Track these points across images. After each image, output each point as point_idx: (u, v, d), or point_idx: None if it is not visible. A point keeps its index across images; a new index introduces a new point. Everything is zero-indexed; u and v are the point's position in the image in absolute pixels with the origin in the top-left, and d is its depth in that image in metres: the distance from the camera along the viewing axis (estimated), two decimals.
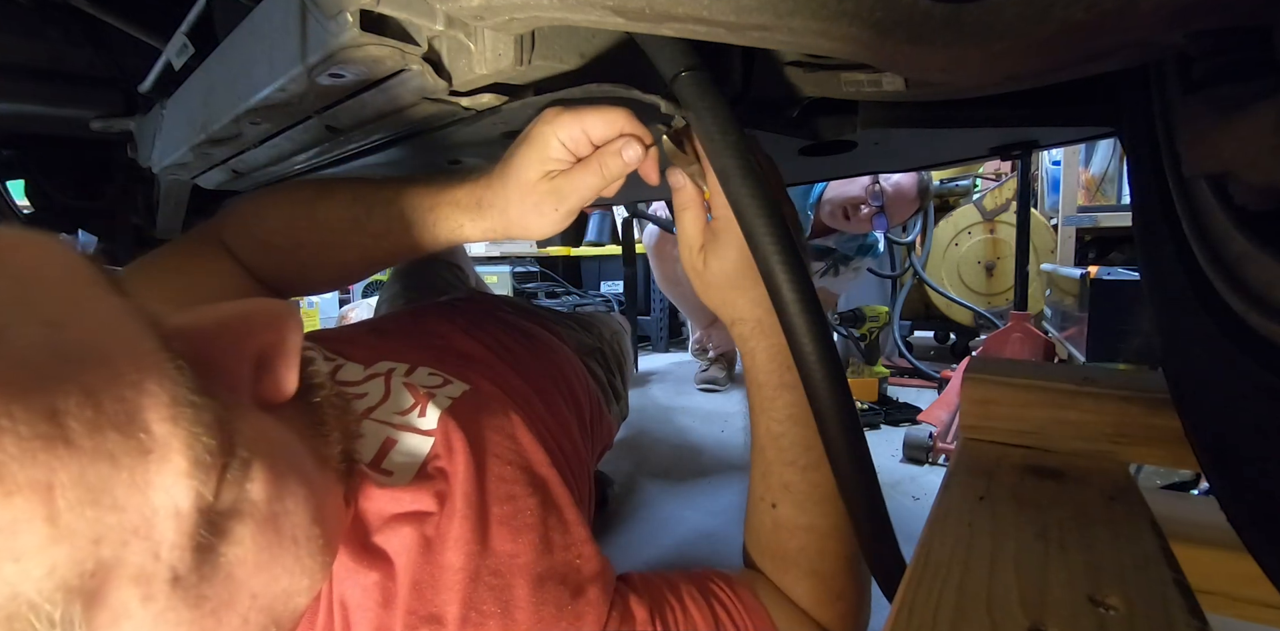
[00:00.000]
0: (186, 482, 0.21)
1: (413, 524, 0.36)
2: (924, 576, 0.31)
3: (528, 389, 0.59)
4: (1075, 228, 1.91)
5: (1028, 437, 0.49)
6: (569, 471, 0.54)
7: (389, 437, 0.42)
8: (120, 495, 0.19)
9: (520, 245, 2.92)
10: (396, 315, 0.69)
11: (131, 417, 0.20)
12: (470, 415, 0.47)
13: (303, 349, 0.31)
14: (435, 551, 0.36)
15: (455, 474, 0.41)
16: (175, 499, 0.21)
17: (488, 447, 0.45)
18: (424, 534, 0.36)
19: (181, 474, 0.21)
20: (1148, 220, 0.39)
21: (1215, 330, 0.30)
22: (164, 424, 0.21)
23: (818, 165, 0.70)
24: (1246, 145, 0.24)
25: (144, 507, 0.20)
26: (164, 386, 0.21)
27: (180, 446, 0.21)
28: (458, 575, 0.36)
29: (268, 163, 0.66)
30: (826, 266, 1.91)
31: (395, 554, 0.35)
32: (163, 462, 0.21)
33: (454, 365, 0.55)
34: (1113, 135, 0.62)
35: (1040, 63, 0.27)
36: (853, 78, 0.44)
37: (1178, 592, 0.29)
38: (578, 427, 0.65)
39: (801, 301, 0.36)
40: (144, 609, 0.21)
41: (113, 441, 0.19)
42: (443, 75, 0.40)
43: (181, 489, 0.21)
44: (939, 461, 1.29)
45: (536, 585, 0.37)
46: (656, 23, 0.32)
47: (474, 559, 0.36)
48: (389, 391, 0.47)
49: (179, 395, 0.22)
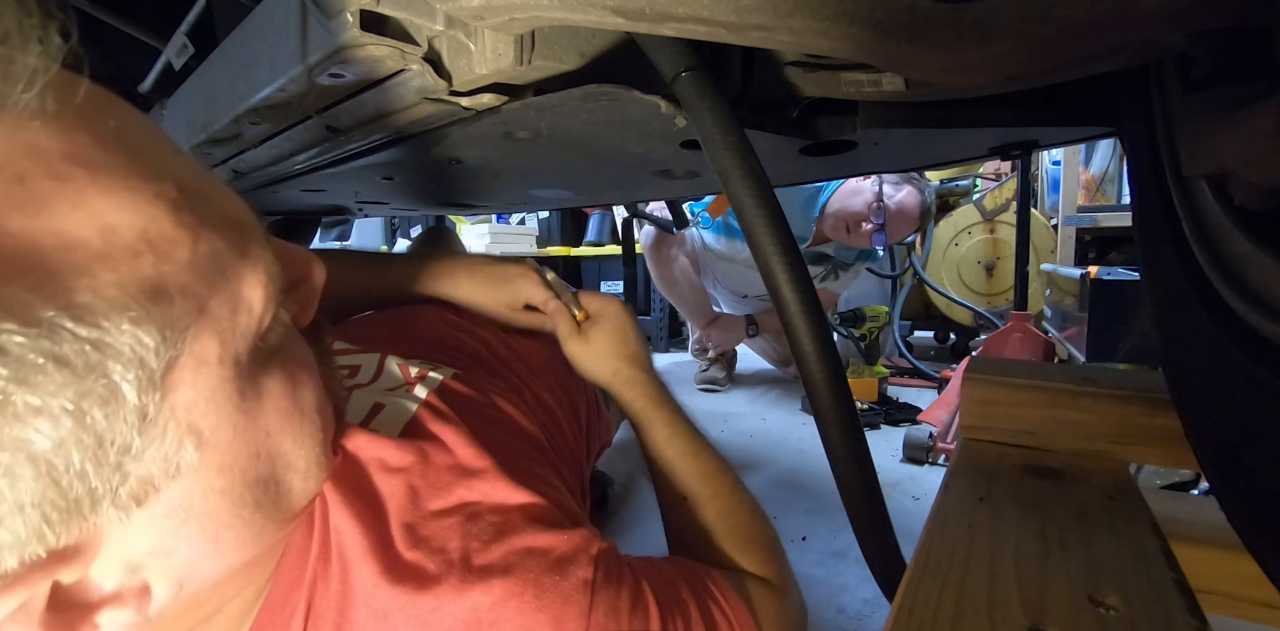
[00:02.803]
0: (263, 289, 0.25)
1: (399, 474, 0.37)
2: (924, 576, 0.31)
3: (518, 382, 0.60)
4: (1075, 228, 1.91)
5: (1028, 437, 0.49)
6: (559, 460, 0.54)
7: (377, 402, 0.43)
8: (228, 268, 0.24)
9: (520, 245, 2.92)
10: (394, 310, 0.69)
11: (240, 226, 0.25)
12: (459, 393, 0.48)
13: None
14: (423, 500, 0.36)
15: (442, 433, 0.41)
16: (254, 298, 0.25)
17: (476, 415, 0.46)
18: (410, 483, 0.37)
19: (260, 281, 0.25)
20: (1148, 220, 0.39)
21: (1215, 330, 0.30)
22: (258, 240, 0.26)
23: (818, 165, 0.70)
24: (1246, 145, 0.24)
25: (238, 289, 0.24)
26: (259, 227, 0.26)
27: (265, 263, 0.26)
28: (454, 516, 0.36)
29: (268, 163, 0.66)
30: (825, 271, 1.91)
31: (386, 498, 0.36)
32: (255, 264, 0.25)
33: (444, 357, 0.56)
34: (1113, 135, 0.61)
35: (1040, 63, 0.27)
36: (853, 78, 0.44)
37: (1178, 592, 0.29)
38: (572, 424, 0.65)
39: (801, 301, 0.36)
40: (214, 369, 0.24)
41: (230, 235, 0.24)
42: (443, 75, 0.40)
43: (260, 292, 0.25)
44: (939, 461, 1.29)
45: (533, 519, 0.38)
46: (656, 23, 0.32)
47: (466, 504, 0.37)
48: (381, 370, 0.49)
49: (265, 232, 0.27)
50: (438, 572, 0.33)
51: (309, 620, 0.33)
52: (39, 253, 0.19)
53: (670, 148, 0.57)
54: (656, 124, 0.49)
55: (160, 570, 0.24)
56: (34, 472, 0.19)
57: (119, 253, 0.20)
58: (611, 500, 1.10)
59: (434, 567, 0.33)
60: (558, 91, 0.42)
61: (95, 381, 0.19)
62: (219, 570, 0.27)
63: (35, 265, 0.18)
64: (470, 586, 0.33)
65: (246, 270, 0.25)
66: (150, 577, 0.24)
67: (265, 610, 0.32)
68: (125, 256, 0.20)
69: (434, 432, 0.41)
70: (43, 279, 0.18)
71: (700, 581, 0.43)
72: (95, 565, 0.22)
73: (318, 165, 0.67)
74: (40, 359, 0.18)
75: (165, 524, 0.23)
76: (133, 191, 0.21)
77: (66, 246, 0.19)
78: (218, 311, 0.23)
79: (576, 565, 0.36)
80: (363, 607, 0.32)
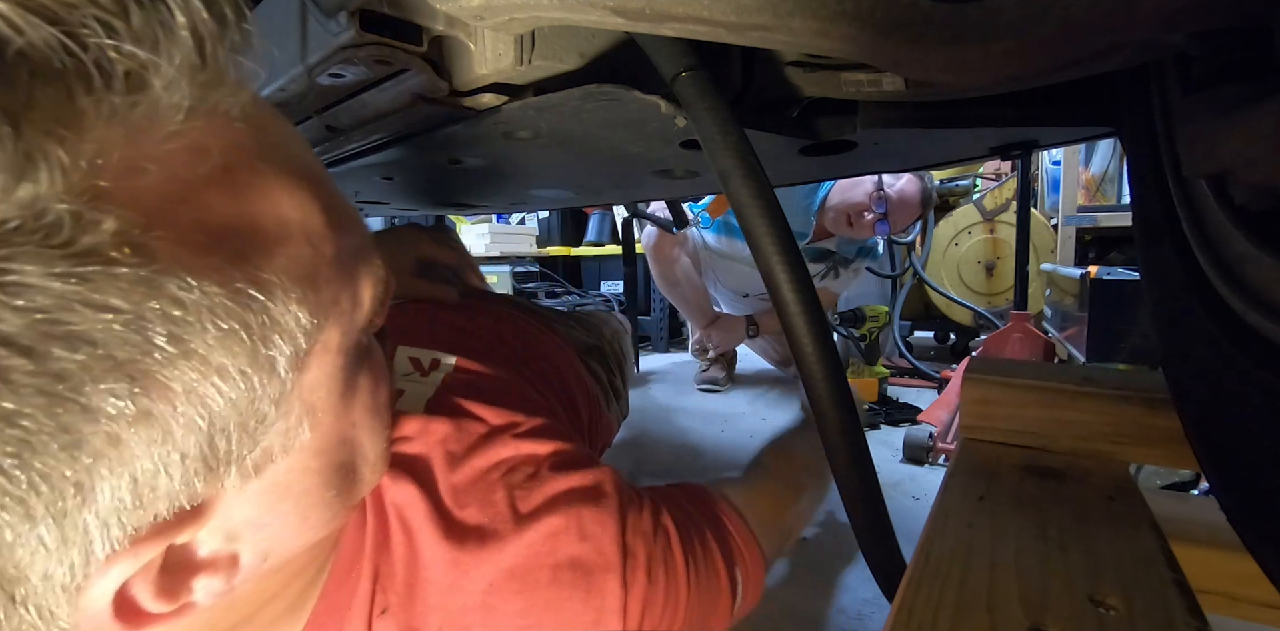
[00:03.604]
0: (374, 290, 0.28)
1: (436, 446, 0.40)
2: (924, 576, 0.31)
3: (519, 380, 0.60)
4: (1075, 228, 1.91)
5: (1028, 437, 0.49)
6: None
7: (398, 388, 0.45)
8: (354, 267, 0.26)
9: (520, 245, 2.92)
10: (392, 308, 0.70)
11: (360, 228, 0.27)
12: (473, 371, 0.51)
13: None
14: (462, 462, 0.40)
15: (466, 404, 0.44)
16: (367, 297, 0.27)
17: (492, 389, 0.49)
18: (447, 450, 0.40)
19: (373, 282, 0.28)
20: (1148, 220, 0.39)
21: (1215, 330, 0.30)
22: (372, 242, 0.28)
23: (818, 165, 0.70)
24: (1246, 145, 0.24)
25: (358, 287, 0.27)
26: (370, 234, 0.29)
27: (376, 267, 0.28)
28: (493, 473, 0.40)
29: None
30: (826, 268, 1.91)
31: (430, 467, 0.39)
32: (371, 266, 0.28)
33: (450, 349, 0.57)
34: (1113, 135, 0.61)
35: (1040, 63, 0.27)
36: (853, 78, 0.44)
37: (1178, 592, 0.29)
38: (571, 425, 0.65)
39: (801, 301, 0.36)
40: (334, 357, 0.26)
41: (357, 239, 0.27)
42: (443, 75, 0.40)
43: (371, 292, 0.28)
44: (939, 461, 1.29)
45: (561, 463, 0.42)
46: (656, 23, 0.32)
47: (502, 459, 0.40)
48: (392, 359, 0.50)
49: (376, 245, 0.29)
50: (493, 526, 0.37)
51: (377, 582, 0.36)
52: (239, 232, 0.21)
53: (670, 148, 0.57)
54: (656, 124, 0.49)
55: (252, 541, 0.25)
56: (205, 426, 0.20)
57: (289, 241, 0.23)
58: None
59: (488, 521, 0.37)
60: (558, 91, 0.42)
61: (265, 351, 0.21)
62: (298, 546, 0.29)
63: (236, 242, 0.21)
64: (524, 528, 0.37)
65: (365, 271, 0.27)
66: (241, 548, 0.25)
67: (332, 578, 0.35)
68: (294, 245, 0.23)
69: (458, 404, 0.44)
70: (238, 253, 0.21)
71: (708, 505, 0.47)
72: (204, 529, 0.23)
73: None
74: (235, 323, 0.20)
75: (268, 497, 0.25)
76: (300, 189, 0.24)
77: (256, 230, 0.22)
78: (345, 304, 0.26)
79: (606, 496, 0.41)
80: (431, 565, 0.36)
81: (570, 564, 0.37)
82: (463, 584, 0.36)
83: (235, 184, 0.21)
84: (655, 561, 0.40)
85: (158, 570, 0.22)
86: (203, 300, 0.19)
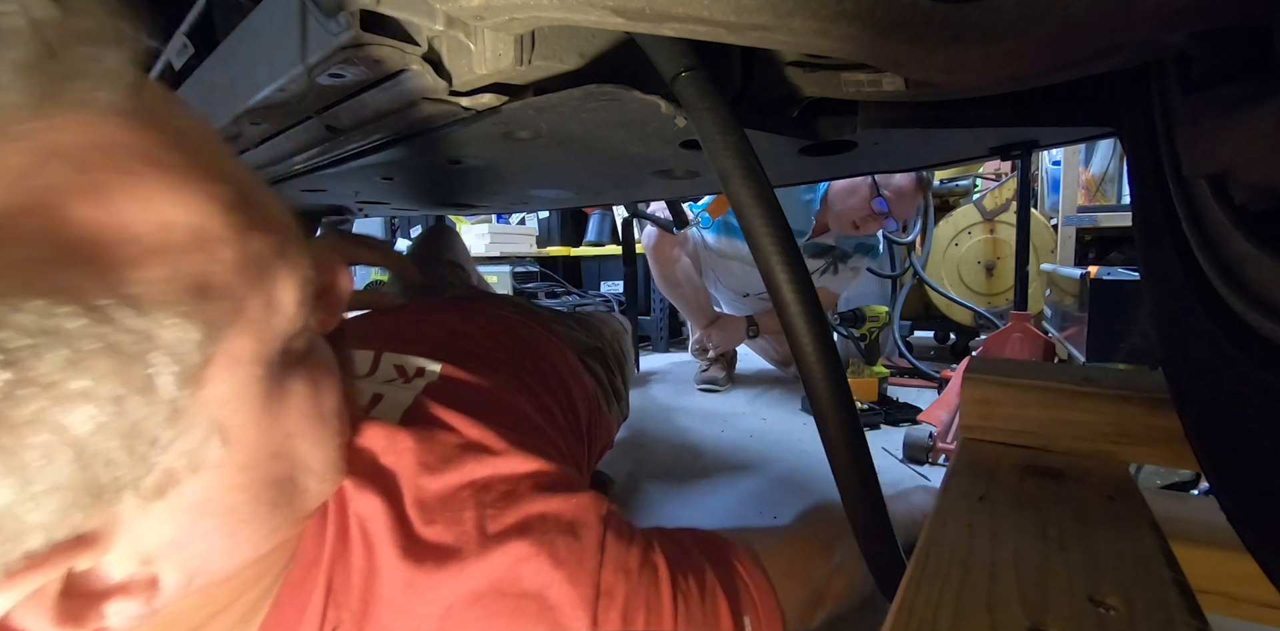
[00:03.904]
0: (297, 293, 0.26)
1: (406, 455, 0.38)
2: (924, 576, 0.31)
3: (512, 386, 0.60)
4: (1075, 228, 1.91)
5: (1028, 437, 0.49)
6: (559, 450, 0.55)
7: (376, 393, 0.44)
8: (268, 270, 0.24)
9: (520, 245, 2.92)
10: (390, 309, 0.70)
11: (277, 229, 0.25)
12: (457, 380, 0.49)
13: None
14: (433, 476, 0.37)
15: (443, 416, 0.42)
16: (288, 301, 0.25)
17: (476, 399, 0.47)
18: (419, 461, 0.38)
19: (295, 285, 0.26)
20: (1148, 220, 0.39)
21: (1215, 330, 0.30)
22: (295, 244, 0.26)
23: (818, 165, 0.70)
24: (1246, 145, 0.24)
25: (274, 291, 0.25)
26: (298, 231, 0.27)
27: (301, 268, 0.26)
28: (466, 490, 0.37)
29: (268, 162, 0.66)
30: (826, 264, 1.91)
31: (397, 479, 0.37)
32: (290, 268, 0.25)
33: (441, 354, 0.56)
34: (1113, 135, 0.61)
35: (1040, 63, 0.27)
36: (853, 78, 0.44)
37: (1178, 592, 0.29)
38: (570, 426, 0.65)
39: (801, 301, 0.36)
40: (246, 368, 0.24)
41: (272, 238, 0.25)
42: (443, 75, 0.40)
43: (293, 296, 0.26)
44: (939, 461, 1.29)
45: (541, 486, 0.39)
46: (656, 23, 0.32)
47: (476, 476, 0.38)
48: (377, 364, 0.49)
49: (302, 240, 0.27)
50: (456, 545, 0.34)
51: (329, 597, 0.34)
52: (101, 242, 0.19)
53: (670, 148, 0.57)
54: (656, 124, 0.49)
55: (173, 562, 0.24)
56: (71, 455, 0.19)
57: (173, 249, 0.21)
58: (612, 500, 1.10)
59: (452, 540, 0.35)
60: (558, 91, 0.42)
61: (140, 371, 0.20)
62: (232, 564, 0.28)
63: (97, 254, 0.19)
64: (490, 551, 0.34)
65: (284, 273, 0.25)
66: (161, 570, 0.24)
67: (284, 589, 0.33)
68: (178, 253, 0.21)
69: (435, 415, 0.42)
70: (103, 267, 0.19)
71: (715, 547, 0.44)
72: (109, 554, 0.22)
73: (318, 165, 0.67)
74: (96, 344, 0.19)
75: (184, 517, 0.24)
76: (191, 190, 0.22)
77: (126, 239, 0.20)
78: (255, 312, 0.24)
79: (588, 526, 0.38)
80: (388, 583, 0.33)
81: (536, 595, 0.34)
82: (415, 607, 0.33)
83: (98, 188, 0.19)
84: (635, 602, 0.36)
85: (56, 596, 0.21)
86: (41, 322, 0.17)
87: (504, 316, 0.75)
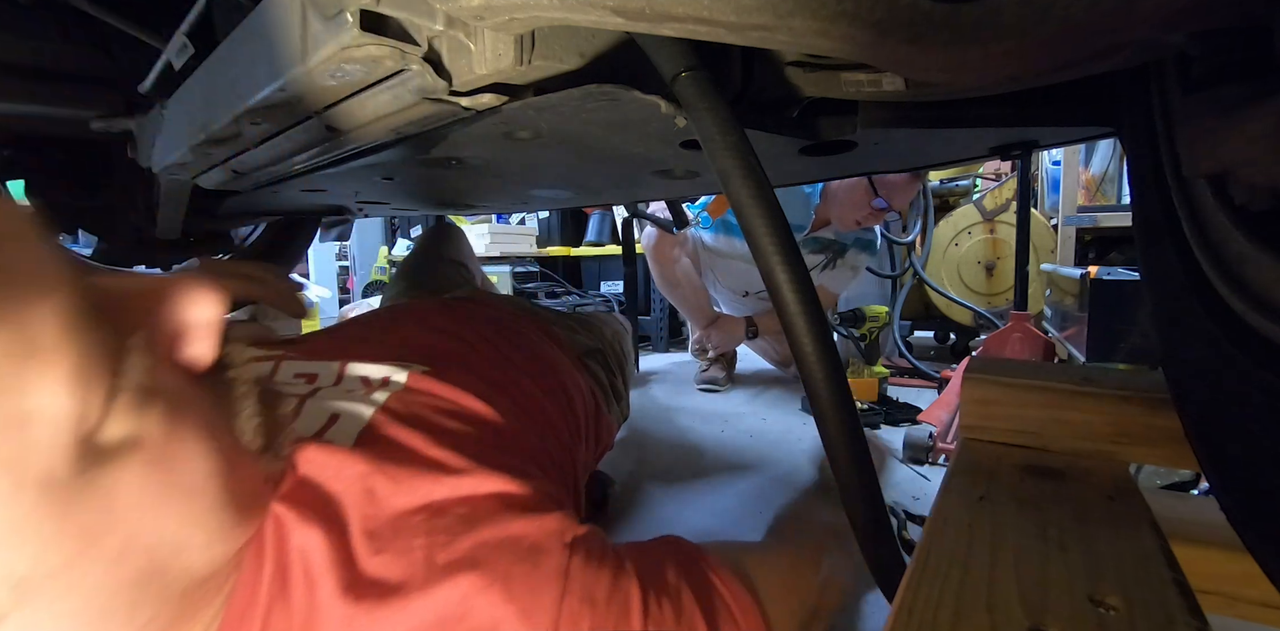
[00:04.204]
0: (68, 390, 0.22)
1: (356, 481, 0.36)
2: (924, 577, 0.31)
3: (503, 382, 0.59)
4: (1075, 228, 1.91)
5: (1028, 437, 0.49)
6: (542, 456, 0.53)
7: (334, 413, 0.42)
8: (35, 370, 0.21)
9: (520, 245, 2.92)
10: (375, 312, 0.69)
11: (22, 324, 0.22)
12: (422, 392, 0.47)
13: (229, 336, 0.33)
14: (384, 501, 0.35)
15: (401, 435, 0.40)
16: (55, 404, 0.22)
17: (441, 412, 0.45)
18: (368, 487, 0.36)
19: (62, 380, 0.22)
20: (1148, 220, 0.39)
21: (1215, 330, 0.30)
22: (52, 335, 0.22)
23: (818, 165, 0.70)
24: (1246, 145, 0.24)
25: (22, 403, 0.21)
26: (61, 306, 0.23)
27: (65, 357, 0.23)
28: (418, 515, 0.35)
29: (268, 162, 0.66)
30: (825, 259, 1.92)
31: (345, 507, 0.35)
32: (45, 366, 0.22)
33: (416, 356, 0.55)
34: (1113, 135, 0.61)
35: (1040, 63, 0.27)
36: (853, 78, 0.44)
37: (1178, 592, 0.29)
38: (567, 426, 0.65)
39: (801, 301, 0.36)
40: (12, 498, 0.21)
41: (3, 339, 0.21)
42: (443, 75, 0.40)
43: (62, 396, 0.22)
44: (939, 461, 1.29)
45: (504, 506, 0.37)
46: (656, 23, 0.32)
47: (432, 499, 0.36)
48: (341, 377, 0.47)
49: (74, 317, 0.23)
50: (402, 579, 0.32)
51: None
52: None
53: (670, 148, 0.57)
54: (656, 124, 0.49)
55: None
56: None
57: None
58: (612, 500, 1.10)
59: (399, 573, 0.32)
60: (558, 91, 0.42)
61: None
62: None
63: None
64: (436, 584, 0.32)
65: (32, 375, 0.22)
66: None
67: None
68: None
69: (391, 435, 0.40)
70: None
71: (694, 565, 0.42)
72: None
73: (318, 165, 0.67)
74: None
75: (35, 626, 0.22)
76: None
77: None
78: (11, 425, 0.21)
79: (549, 553, 0.35)
80: (328, 623, 0.31)
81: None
82: None
83: None
84: None
85: None
86: None
87: (498, 318, 0.75)
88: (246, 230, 1.51)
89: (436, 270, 1.19)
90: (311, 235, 1.66)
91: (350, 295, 3.25)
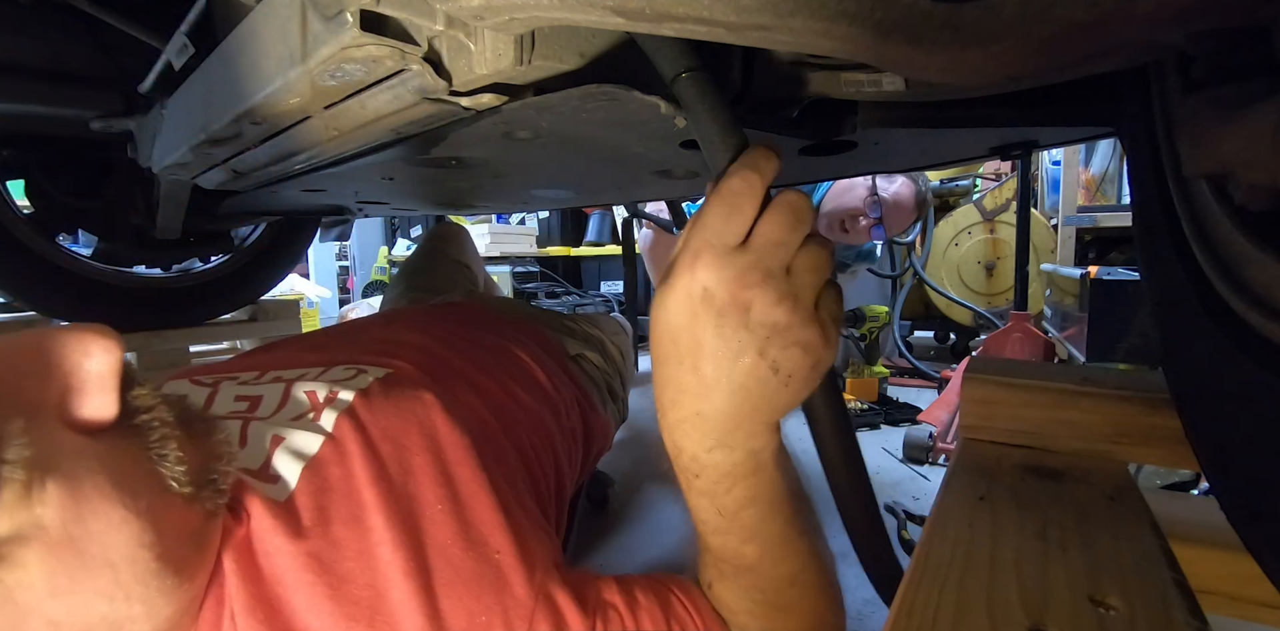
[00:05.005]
0: None
1: (294, 541, 0.35)
2: (924, 577, 0.31)
3: (485, 382, 0.59)
4: (1075, 228, 1.91)
5: (1028, 437, 0.49)
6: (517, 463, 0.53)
7: (275, 435, 0.41)
8: None
9: (520, 245, 2.92)
10: (351, 321, 0.69)
11: None
12: (377, 404, 0.46)
13: (132, 377, 0.30)
14: (327, 563, 0.35)
15: (344, 478, 0.40)
16: None
17: (390, 438, 0.44)
18: (309, 550, 0.35)
19: None
20: (1148, 220, 0.39)
21: (1215, 330, 0.30)
22: None
23: (818, 165, 0.70)
24: (1246, 145, 0.24)
25: None
26: None
27: None
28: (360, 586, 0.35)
29: (268, 162, 0.66)
30: None
31: (282, 571, 0.34)
32: None
33: (375, 356, 0.54)
34: (1113, 135, 0.61)
35: (1040, 63, 0.27)
36: (853, 78, 0.44)
37: (1178, 592, 0.29)
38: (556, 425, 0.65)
39: None
40: None
41: None
42: (443, 75, 0.40)
43: None
44: (939, 461, 1.29)
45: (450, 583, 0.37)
46: (656, 23, 0.32)
47: (368, 570, 0.35)
48: (286, 399, 0.46)
49: None
50: None
51: None
52: None
53: (670, 148, 0.57)
54: (656, 124, 0.49)
55: None
56: None
57: None
58: (612, 500, 1.10)
59: None
60: (558, 91, 0.42)
61: None
62: None
63: None
64: None
65: None
66: None
67: None
68: None
69: (336, 478, 0.40)
70: None
71: (666, 601, 0.41)
72: None
73: (318, 165, 0.67)
74: None
75: None
76: None
77: None
78: None
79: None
80: None
81: None
82: None
83: None
84: None
85: None
86: None
87: (492, 321, 0.75)
88: (246, 230, 1.51)
89: (438, 271, 1.18)
90: (311, 235, 1.66)
91: (350, 295, 3.25)
